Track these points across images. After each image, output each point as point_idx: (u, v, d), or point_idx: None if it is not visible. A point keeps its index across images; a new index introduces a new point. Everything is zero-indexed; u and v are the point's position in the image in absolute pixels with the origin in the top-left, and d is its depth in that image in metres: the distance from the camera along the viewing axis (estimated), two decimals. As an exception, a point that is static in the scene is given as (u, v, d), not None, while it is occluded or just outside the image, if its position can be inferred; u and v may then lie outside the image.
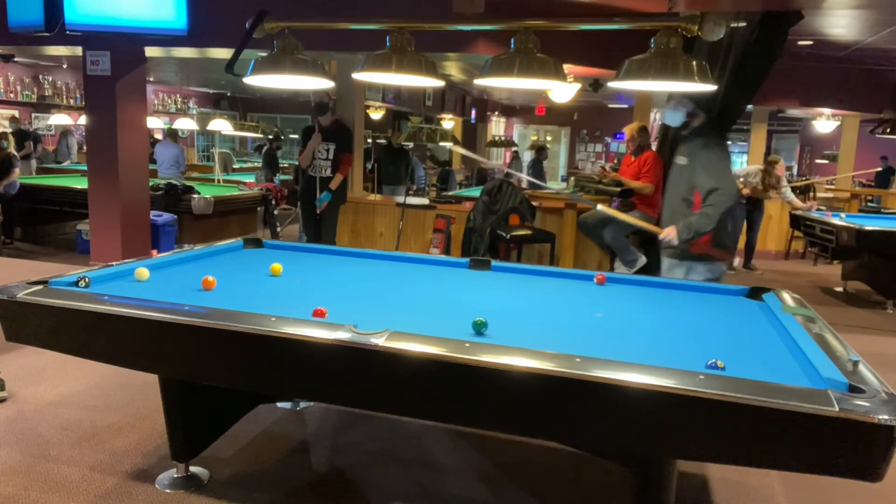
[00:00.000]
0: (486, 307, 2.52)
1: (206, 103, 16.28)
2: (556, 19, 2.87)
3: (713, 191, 3.57)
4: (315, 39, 5.25)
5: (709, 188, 3.58)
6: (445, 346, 1.92)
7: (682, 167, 3.72)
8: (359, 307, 2.51)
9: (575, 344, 2.04)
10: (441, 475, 2.93)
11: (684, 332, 2.42)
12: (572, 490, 2.86)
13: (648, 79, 2.53)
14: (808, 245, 7.95)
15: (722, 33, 2.60)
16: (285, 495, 2.69)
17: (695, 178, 3.62)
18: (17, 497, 2.59)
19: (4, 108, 11.59)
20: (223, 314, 2.17)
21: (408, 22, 2.89)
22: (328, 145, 5.96)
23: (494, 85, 3.01)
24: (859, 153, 10.61)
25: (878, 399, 1.65)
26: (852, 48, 7.59)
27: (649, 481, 2.11)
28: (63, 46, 6.56)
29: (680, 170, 3.74)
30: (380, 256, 3.60)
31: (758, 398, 1.63)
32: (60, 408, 3.42)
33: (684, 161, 3.71)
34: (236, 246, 3.60)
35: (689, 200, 3.66)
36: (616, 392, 1.75)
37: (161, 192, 7.38)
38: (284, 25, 3.04)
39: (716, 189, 3.57)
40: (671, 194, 3.80)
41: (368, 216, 7.08)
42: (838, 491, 2.90)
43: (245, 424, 3.12)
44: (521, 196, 6.18)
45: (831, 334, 2.26)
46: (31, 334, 2.41)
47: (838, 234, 6.20)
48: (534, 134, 18.41)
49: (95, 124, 6.45)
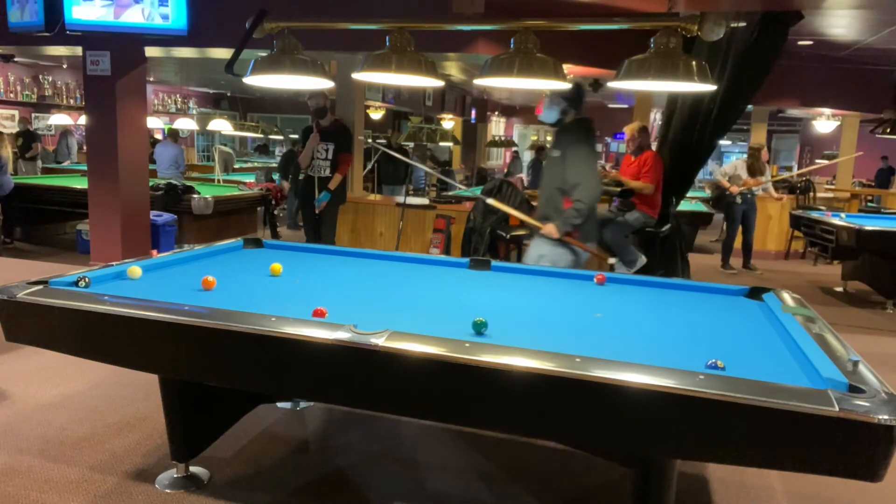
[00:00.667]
0: (486, 307, 2.51)
1: (206, 103, 16.28)
2: (556, 19, 2.87)
3: (576, 186, 3.81)
4: (315, 39, 5.25)
5: (573, 183, 3.82)
6: (445, 346, 1.92)
7: (555, 159, 3.96)
8: (359, 307, 2.51)
9: (575, 344, 2.04)
10: (441, 475, 2.93)
11: (684, 332, 2.42)
12: (572, 490, 2.86)
13: (648, 79, 2.53)
14: (808, 245, 7.95)
15: (722, 33, 2.60)
16: (285, 495, 2.69)
17: (564, 171, 3.86)
18: (17, 497, 2.59)
19: (4, 108, 11.59)
20: (223, 314, 2.17)
21: (408, 22, 2.90)
22: (327, 145, 5.96)
23: (494, 85, 3.01)
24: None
25: (878, 399, 1.65)
26: (852, 48, 7.59)
27: (649, 481, 2.11)
28: (63, 46, 6.56)
29: (553, 161, 3.99)
30: (380, 256, 3.60)
31: (758, 398, 1.63)
32: (61, 408, 3.42)
33: (557, 154, 3.95)
34: (236, 246, 3.60)
35: (562, 190, 3.89)
36: (616, 392, 1.75)
37: (161, 192, 7.38)
38: (284, 25, 3.05)
39: (578, 184, 3.81)
40: (546, 184, 4.06)
41: (368, 216, 7.08)
42: (838, 491, 2.91)
43: (245, 424, 3.12)
44: (521, 196, 6.18)
45: (831, 334, 2.26)
46: (31, 334, 2.41)
47: (838, 234, 6.20)
48: (534, 134, 18.42)
49: (95, 124, 6.45)
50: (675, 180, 5.97)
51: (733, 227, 8.05)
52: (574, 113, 3.95)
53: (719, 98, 5.50)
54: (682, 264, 6.16)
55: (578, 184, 3.80)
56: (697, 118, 5.73)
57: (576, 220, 3.84)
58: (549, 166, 4.06)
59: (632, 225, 5.80)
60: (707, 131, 5.76)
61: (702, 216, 9.01)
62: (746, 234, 8.06)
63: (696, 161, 6.04)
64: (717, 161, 18.22)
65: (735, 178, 7.87)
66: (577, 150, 3.88)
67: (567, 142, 3.93)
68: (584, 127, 4.00)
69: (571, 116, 3.95)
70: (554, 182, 3.93)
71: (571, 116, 3.95)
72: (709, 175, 17.65)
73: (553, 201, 3.93)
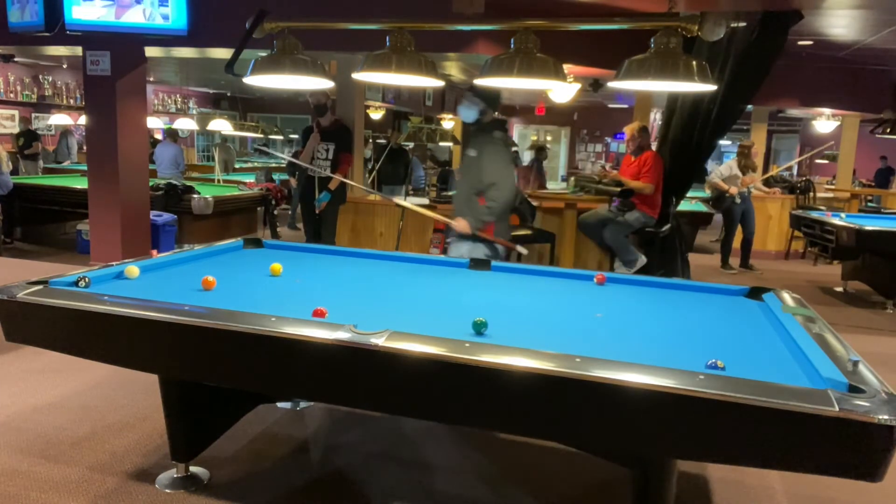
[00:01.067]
0: (486, 307, 2.52)
1: (206, 103, 16.28)
2: (556, 19, 2.87)
3: (492, 185, 3.91)
4: (315, 39, 5.24)
5: (488, 183, 3.92)
6: (445, 346, 1.92)
7: (472, 159, 4.05)
8: (359, 307, 2.51)
9: (575, 344, 2.04)
10: (441, 475, 2.93)
11: (684, 332, 2.42)
12: (572, 490, 2.86)
13: (648, 79, 2.52)
14: (808, 245, 7.96)
15: (722, 33, 2.61)
16: (285, 495, 2.69)
17: (480, 171, 3.95)
18: (17, 497, 2.59)
19: (4, 108, 11.59)
20: (223, 314, 2.17)
21: (408, 22, 2.89)
22: (328, 145, 5.96)
23: (494, 85, 3.01)
24: (859, 153, 10.60)
25: (878, 399, 1.65)
26: (852, 48, 7.59)
27: (649, 481, 2.11)
28: (63, 46, 6.56)
29: (470, 161, 4.07)
30: (380, 256, 3.60)
31: (758, 398, 1.63)
32: (60, 408, 3.42)
33: (474, 153, 4.04)
34: (236, 246, 3.60)
35: (478, 189, 3.98)
36: (616, 392, 1.75)
37: (161, 192, 7.37)
38: (284, 25, 3.04)
39: (494, 184, 3.91)
40: (463, 182, 4.17)
41: (368, 216, 7.07)
42: (838, 491, 2.91)
43: (245, 424, 3.12)
44: (521, 196, 6.18)
45: (831, 334, 2.26)
46: (31, 334, 2.41)
47: (838, 234, 6.20)
48: (534, 134, 18.41)
49: (95, 124, 6.44)
50: (675, 180, 5.97)
51: (732, 227, 8.06)
52: (491, 113, 4.04)
53: (719, 98, 5.50)
54: (682, 264, 6.16)
55: (494, 183, 3.90)
56: (697, 118, 5.73)
57: (487, 217, 3.94)
58: (467, 166, 4.13)
59: (632, 225, 5.80)
60: (707, 131, 5.76)
61: (702, 216, 9.01)
62: (746, 232, 8.07)
63: (696, 161, 6.05)
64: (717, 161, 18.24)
65: (731, 178, 7.88)
66: (494, 150, 3.98)
67: (483, 141, 4.01)
68: (501, 128, 4.13)
69: (490, 117, 4.05)
70: (470, 181, 4.03)
71: (490, 117, 4.05)
72: (709, 175, 17.69)
73: (469, 199, 4.03)
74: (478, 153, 4.00)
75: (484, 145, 3.99)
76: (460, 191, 4.18)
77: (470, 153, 4.09)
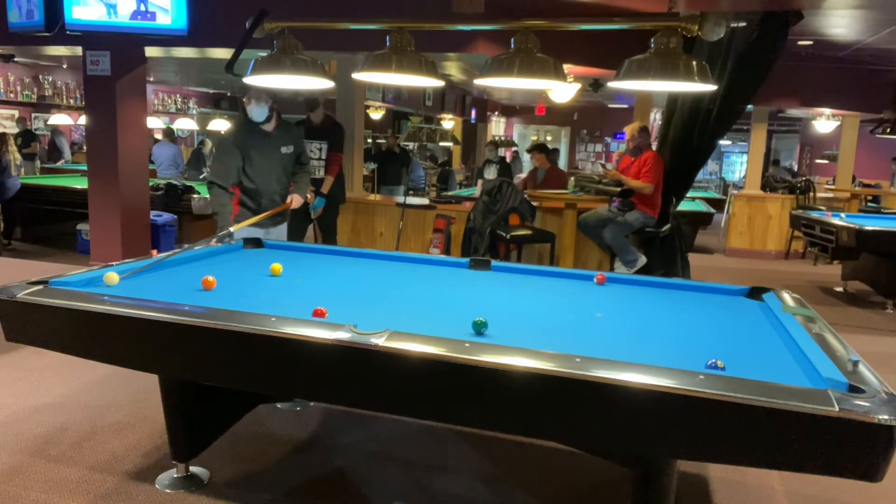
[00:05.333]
0: (486, 307, 2.51)
1: (206, 103, 16.25)
2: (556, 19, 2.87)
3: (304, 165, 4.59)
4: (315, 39, 5.24)
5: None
6: (445, 346, 1.91)
7: (288, 156, 4.47)
8: (359, 307, 2.51)
9: (575, 344, 2.04)
10: (441, 475, 2.93)
11: (684, 332, 2.42)
12: (572, 490, 2.86)
13: (648, 79, 2.52)
14: (808, 245, 7.95)
15: (722, 33, 2.60)
16: (285, 495, 2.69)
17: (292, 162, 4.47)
18: (17, 497, 2.59)
19: (4, 108, 11.58)
20: (223, 314, 2.17)
21: (408, 22, 2.89)
22: (320, 144, 5.70)
23: (494, 85, 3.01)
24: (859, 153, 10.61)
25: (878, 399, 1.65)
26: (852, 48, 7.58)
27: (649, 481, 2.11)
28: (63, 46, 6.56)
29: (282, 156, 4.43)
30: (380, 256, 3.60)
31: (758, 398, 1.63)
32: (61, 407, 3.42)
33: (289, 150, 4.45)
34: (236, 246, 3.60)
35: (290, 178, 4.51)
36: (616, 392, 1.75)
37: (161, 192, 7.37)
38: (284, 25, 3.04)
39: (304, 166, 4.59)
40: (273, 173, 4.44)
41: (368, 216, 7.07)
42: (838, 491, 2.90)
43: (245, 424, 3.12)
44: (521, 196, 6.18)
45: (831, 334, 2.26)
46: (31, 334, 2.41)
47: (838, 234, 6.20)
48: (534, 134, 18.40)
49: (95, 124, 6.44)
50: (675, 180, 5.97)
51: None
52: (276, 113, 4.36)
53: (719, 98, 5.50)
54: (682, 264, 6.16)
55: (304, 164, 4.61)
56: (697, 118, 5.73)
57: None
58: (279, 160, 4.41)
59: (632, 225, 5.80)
60: (707, 131, 5.76)
61: (702, 216, 9.00)
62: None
63: (696, 161, 6.05)
64: (717, 161, 18.23)
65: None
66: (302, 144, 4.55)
67: (293, 135, 4.49)
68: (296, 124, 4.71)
69: (274, 116, 4.33)
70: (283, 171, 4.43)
71: (274, 116, 4.33)
72: (709, 175, 17.66)
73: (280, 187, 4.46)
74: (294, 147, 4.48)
75: (293, 140, 4.51)
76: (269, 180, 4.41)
77: (284, 150, 4.42)
